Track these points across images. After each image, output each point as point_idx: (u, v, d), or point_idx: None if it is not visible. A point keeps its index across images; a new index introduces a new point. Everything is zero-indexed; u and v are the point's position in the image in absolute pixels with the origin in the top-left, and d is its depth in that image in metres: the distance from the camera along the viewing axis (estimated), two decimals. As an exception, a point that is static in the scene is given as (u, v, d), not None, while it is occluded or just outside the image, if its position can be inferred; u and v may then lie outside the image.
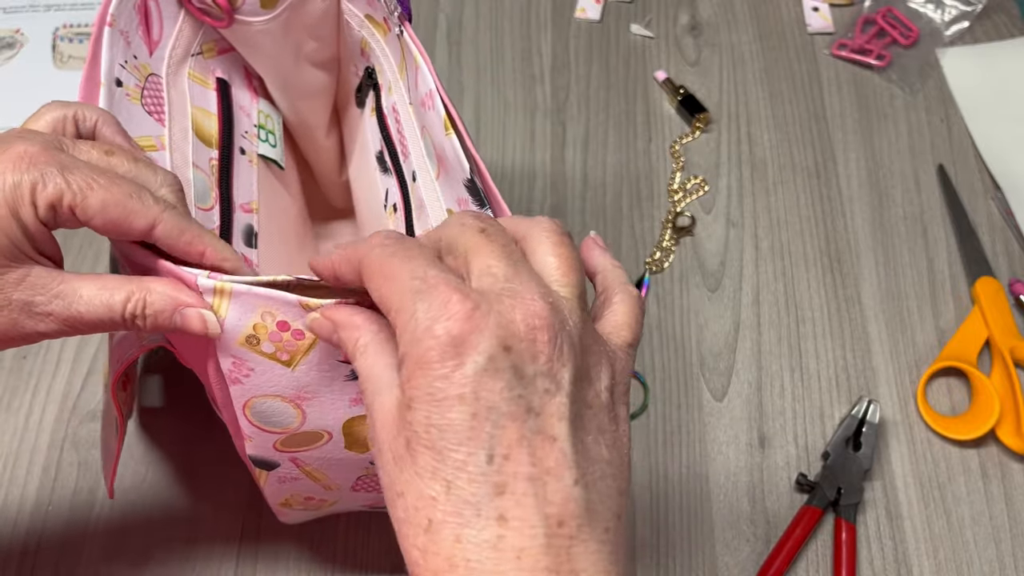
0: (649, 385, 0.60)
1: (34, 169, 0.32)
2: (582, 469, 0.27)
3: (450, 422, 0.27)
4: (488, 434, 0.27)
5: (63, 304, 0.33)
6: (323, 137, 0.56)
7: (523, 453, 0.27)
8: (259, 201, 0.48)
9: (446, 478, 0.27)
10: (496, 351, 0.27)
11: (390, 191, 0.50)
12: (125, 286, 0.34)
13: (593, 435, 0.28)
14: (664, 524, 0.55)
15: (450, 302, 0.27)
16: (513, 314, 0.28)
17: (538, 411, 0.27)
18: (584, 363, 0.29)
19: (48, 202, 0.32)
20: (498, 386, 0.27)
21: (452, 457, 0.27)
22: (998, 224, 0.67)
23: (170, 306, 0.34)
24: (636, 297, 0.33)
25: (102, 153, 0.35)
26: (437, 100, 0.42)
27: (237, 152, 0.47)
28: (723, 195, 0.69)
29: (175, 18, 0.46)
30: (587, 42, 0.77)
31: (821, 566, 0.54)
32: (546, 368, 0.28)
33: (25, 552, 0.52)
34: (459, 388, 0.27)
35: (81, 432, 0.57)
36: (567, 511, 0.27)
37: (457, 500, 0.26)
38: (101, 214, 0.33)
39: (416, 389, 0.27)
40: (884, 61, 0.75)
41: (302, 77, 0.51)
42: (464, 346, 0.27)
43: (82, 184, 0.32)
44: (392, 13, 0.46)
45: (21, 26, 0.77)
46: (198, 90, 0.47)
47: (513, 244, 0.31)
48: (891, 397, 0.59)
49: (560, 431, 0.27)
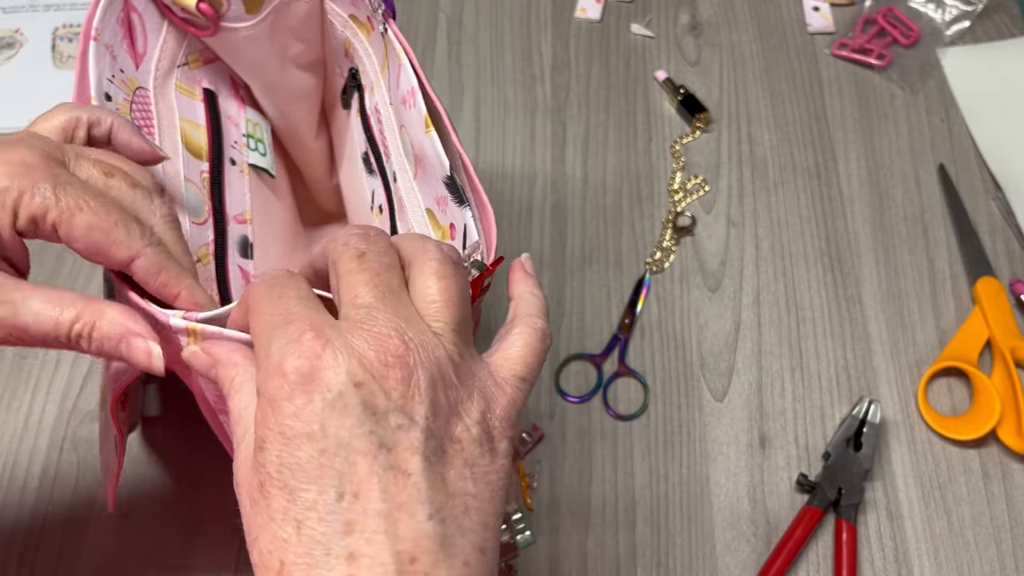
0: (649, 385, 0.60)
1: (26, 179, 0.31)
2: (437, 504, 0.27)
3: (299, 460, 0.26)
4: (337, 471, 0.26)
5: (10, 311, 0.32)
6: (312, 141, 0.55)
7: (374, 489, 0.26)
8: (252, 211, 0.48)
9: (297, 518, 0.26)
10: (346, 387, 0.27)
11: (376, 192, 0.50)
12: (77, 305, 0.33)
13: (457, 469, 0.28)
14: (664, 524, 0.55)
15: (303, 338, 0.27)
16: (367, 350, 0.27)
17: (390, 446, 0.27)
18: (448, 396, 0.28)
19: (31, 214, 0.32)
20: (347, 422, 0.26)
21: (303, 496, 0.26)
22: (999, 224, 0.67)
23: (117, 334, 0.33)
24: (538, 330, 0.33)
25: (101, 173, 0.34)
26: (419, 97, 0.42)
27: (228, 163, 0.47)
28: (723, 195, 0.69)
29: (158, 30, 0.46)
30: (587, 42, 0.77)
31: (822, 566, 0.54)
32: (399, 404, 0.27)
33: (25, 552, 0.52)
34: (308, 425, 0.26)
35: (81, 432, 0.56)
36: (420, 547, 0.26)
37: (308, 540, 0.26)
38: (84, 237, 0.32)
39: (268, 429, 0.27)
40: (885, 61, 0.75)
41: (288, 81, 0.51)
42: (313, 383, 0.27)
43: (71, 204, 0.32)
44: (376, 11, 0.45)
45: (21, 26, 0.77)
46: (185, 102, 0.47)
47: (393, 270, 0.30)
48: (892, 397, 0.59)
49: (414, 466, 0.27)
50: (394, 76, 0.45)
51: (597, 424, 0.58)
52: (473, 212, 0.39)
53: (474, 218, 0.38)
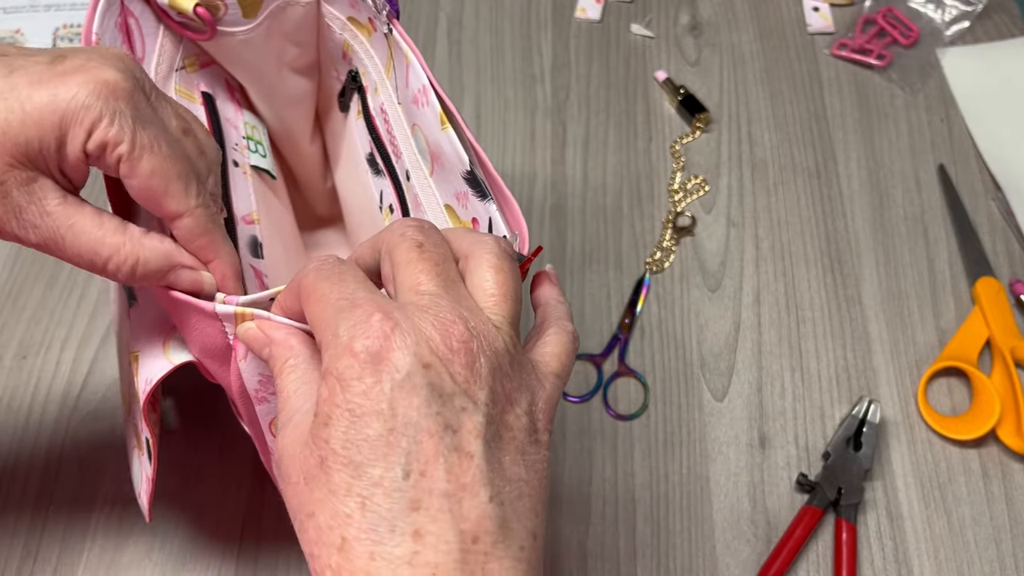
0: (649, 385, 0.60)
1: (112, 102, 0.31)
2: (497, 487, 0.27)
3: (367, 437, 0.27)
4: (404, 449, 0.27)
5: (52, 224, 0.32)
6: (307, 145, 0.55)
7: (439, 469, 0.27)
8: (259, 211, 0.48)
9: (361, 494, 0.27)
10: (414, 368, 0.27)
11: (385, 192, 0.50)
12: (119, 236, 0.33)
13: (511, 455, 0.29)
14: (664, 524, 0.55)
15: (371, 320, 0.28)
16: (433, 333, 0.28)
17: (455, 428, 0.27)
18: (504, 386, 0.29)
19: (102, 140, 0.31)
20: (415, 402, 0.27)
21: (368, 473, 0.27)
22: (998, 224, 0.67)
23: (165, 265, 0.34)
24: (570, 333, 0.34)
25: (179, 126, 0.34)
26: (431, 95, 0.42)
27: (231, 165, 0.47)
28: (723, 195, 0.69)
29: (155, 34, 0.46)
30: (587, 42, 0.77)
31: (822, 566, 0.54)
32: (464, 387, 0.28)
33: (25, 552, 0.52)
34: (377, 404, 0.27)
35: (81, 432, 0.56)
36: (482, 527, 0.27)
37: (373, 516, 0.26)
38: (145, 179, 0.32)
39: (335, 406, 0.27)
40: (884, 61, 0.75)
41: (284, 84, 0.51)
42: (383, 363, 0.27)
43: (145, 143, 0.32)
44: (380, 12, 0.45)
45: (21, 26, 0.77)
46: (185, 105, 0.47)
47: (449, 262, 0.31)
48: (892, 397, 0.59)
49: (476, 448, 0.27)
50: (401, 76, 0.45)
51: (597, 424, 0.58)
52: (498, 205, 0.39)
53: (500, 211, 0.39)
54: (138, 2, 0.44)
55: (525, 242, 0.37)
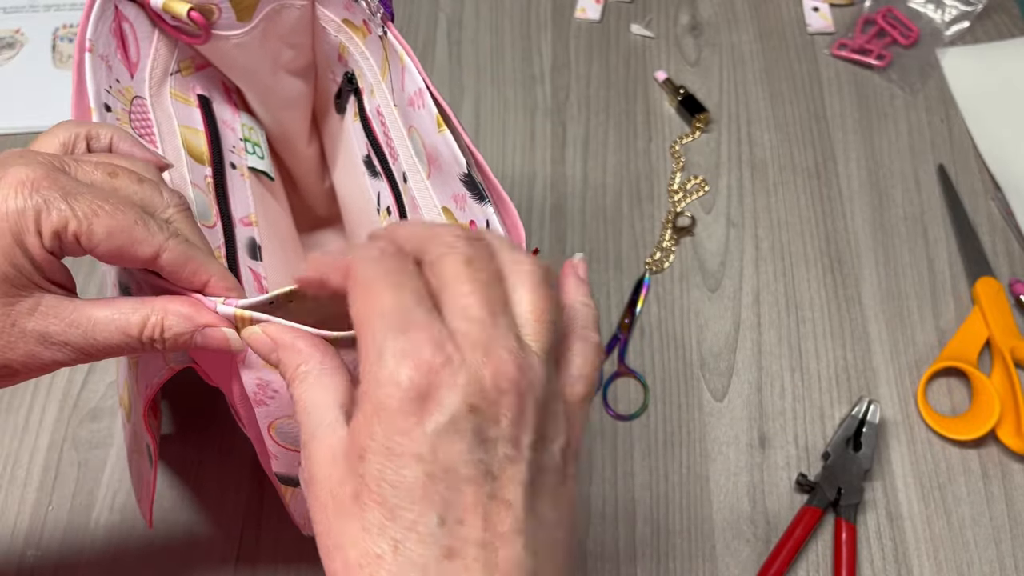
0: (649, 385, 0.60)
1: (37, 195, 0.31)
2: (532, 534, 0.27)
3: (403, 479, 0.26)
4: (442, 496, 0.26)
5: (79, 333, 0.32)
6: (304, 146, 0.55)
7: (478, 518, 0.26)
8: (257, 213, 0.48)
9: (395, 537, 0.26)
10: (460, 411, 0.26)
11: (382, 194, 0.50)
12: (140, 309, 0.33)
13: (544, 498, 0.28)
14: (664, 524, 0.55)
15: (422, 350, 0.26)
16: (483, 371, 0.26)
17: (496, 475, 0.26)
18: (543, 425, 0.28)
19: (53, 230, 0.31)
20: (458, 448, 0.26)
21: (403, 516, 0.26)
22: (998, 224, 0.67)
23: (189, 328, 0.33)
24: (594, 344, 0.32)
25: (106, 175, 0.33)
26: (427, 98, 0.42)
27: (228, 167, 0.47)
28: (723, 195, 0.69)
29: (149, 38, 0.45)
30: (587, 42, 0.77)
31: (821, 566, 0.54)
32: (508, 433, 0.27)
33: (25, 552, 0.52)
34: (418, 446, 0.26)
35: (81, 432, 0.57)
36: None
37: (404, 561, 0.26)
38: (107, 242, 0.31)
39: (372, 439, 0.26)
40: (884, 61, 0.75)
41: (280, 87, 0.51)
42: (428, 401, 0.26)
43: (87, 211, 0.31)
44: (374, 15, 0.45)
45: (21, 26, 0.77)
46: (182, 108, 0.47)
47: (499, 284, 0.29)
48: (891, 397, 0.59)
49: (516, 496, 0.27)
50: (397, 78, 0.45)
51: (597, 424, 0.58)
52: (495, 208, 0.39)
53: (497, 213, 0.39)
54: (132, 6, 0.44)
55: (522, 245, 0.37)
